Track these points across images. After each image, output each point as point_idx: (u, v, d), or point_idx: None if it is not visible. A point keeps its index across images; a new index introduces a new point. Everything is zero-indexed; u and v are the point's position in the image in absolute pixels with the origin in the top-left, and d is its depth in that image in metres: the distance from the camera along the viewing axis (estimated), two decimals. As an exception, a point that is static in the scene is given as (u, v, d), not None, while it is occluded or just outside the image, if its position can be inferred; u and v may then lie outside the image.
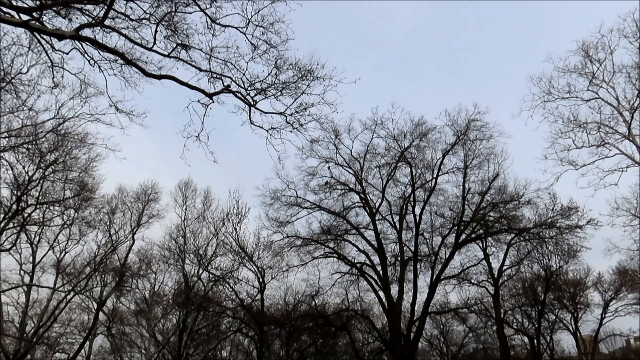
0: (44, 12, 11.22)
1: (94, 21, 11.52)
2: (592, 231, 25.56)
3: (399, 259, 27.81)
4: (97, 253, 29.31)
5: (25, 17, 10.64)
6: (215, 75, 12.57)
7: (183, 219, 33.20)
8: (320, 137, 27.26)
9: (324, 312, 30.31)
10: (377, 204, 29.19)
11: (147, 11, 11.96)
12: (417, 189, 28.45)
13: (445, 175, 28.40)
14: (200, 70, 12.51)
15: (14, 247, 24.21)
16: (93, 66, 12.79)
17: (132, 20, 12.00)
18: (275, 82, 12.66)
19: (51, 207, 24.19)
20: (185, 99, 12.16)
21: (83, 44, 12.06)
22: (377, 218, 28.72)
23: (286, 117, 13.12)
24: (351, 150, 29.27)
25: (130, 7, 11.92)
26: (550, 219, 26.04)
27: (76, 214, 26.13)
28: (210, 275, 31.75)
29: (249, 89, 12.68)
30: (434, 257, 27.71)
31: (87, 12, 11.79)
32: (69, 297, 27.50)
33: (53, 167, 22.40)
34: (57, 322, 29.93)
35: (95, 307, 30.77)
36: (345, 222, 29.15)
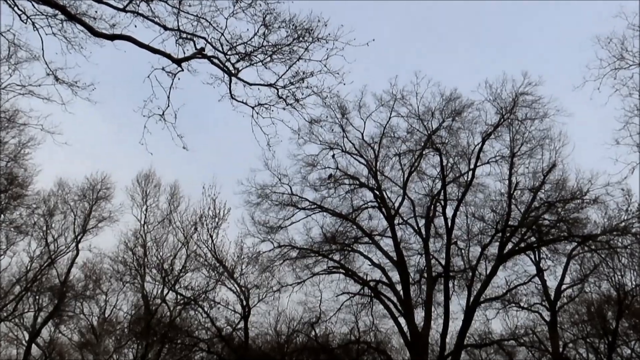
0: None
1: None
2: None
3: (426, 275, 28.02)
4: (29, 267, 29.63)
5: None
6: (185, 36, 12.72)
7: (143, 222, 33.53)
8: (322, 116, 27.31)
9: (327, 345, 30.56)
10: (396, 204, 29.44)
11: (96, -49, 12.09)
12: (448, 183, 28.62)
13: (486, 166, 28.60)
14: (166, 28, 12.64)
15: None
16: (25, 22, 12.88)
17: (75, -38, 12.14)
18: (264, 44, 12.82)
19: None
20: (146, 66, 12.21)
21: (12, -7, 12.19)
22: (396, 222, 28.93)
23: (277, 89, 13.30)
24: (362, 134, 29.48)
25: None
26: (623, 223, 26.18)
27: (2, 216, 26.36)
28: (178, 296, 32.04)
29: (229, 53, 12.84)
30: (471, 273, 27.91)
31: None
32: (-7, 325, 27.79)
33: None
34: (-22, 357, 30.29)
35: (27, 338, 31.10)
36: (354, 227, 29.37)
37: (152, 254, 32.67)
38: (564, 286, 31.47)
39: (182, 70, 12.74)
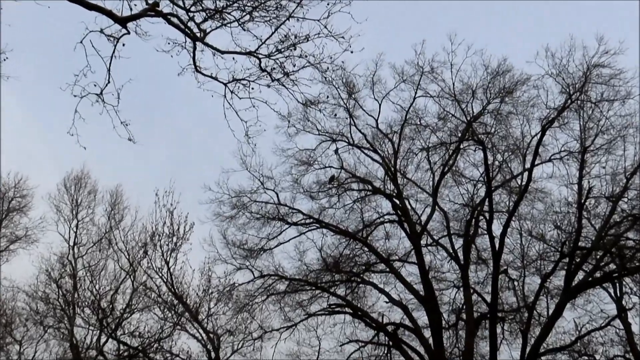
0: None
1: None
2: None
3: (464, 316, 28.11)
4: None
5: None
6: (132, -15, 12.77)
7: (72, 244, 33.45)
8: (321, 96, 27.32)
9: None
10: (423, 217, 29.66)
11: None
12: (495, 189, 28.72)
13: (547, 165, 28.78)
14: (106, -24, 12.71)
15: None
16: None
17: None
18: (241, -3, 12.88)
19: None
20: (79, 27, 12.16)
21: None
22: (423, 242, 29.06)
23: (260, 59, 13.37)
24: (377, 120, 29.72)
25: None
26: None
27: None
28: (121, 346, 32.03)
29: (193, 9, 12.91)
30: (527, 314, 27.95)
31: None
32: None
33: None
34: None
35: None
36: (365, 249, 29.48)
37: (85, 287, 32.65)
38: (655, 331, 31.62)
39: (128, 33, 12.78)
